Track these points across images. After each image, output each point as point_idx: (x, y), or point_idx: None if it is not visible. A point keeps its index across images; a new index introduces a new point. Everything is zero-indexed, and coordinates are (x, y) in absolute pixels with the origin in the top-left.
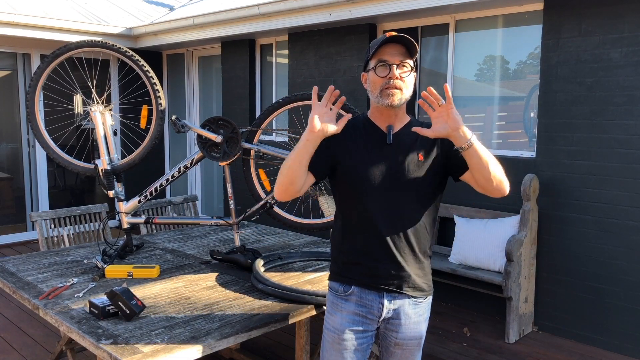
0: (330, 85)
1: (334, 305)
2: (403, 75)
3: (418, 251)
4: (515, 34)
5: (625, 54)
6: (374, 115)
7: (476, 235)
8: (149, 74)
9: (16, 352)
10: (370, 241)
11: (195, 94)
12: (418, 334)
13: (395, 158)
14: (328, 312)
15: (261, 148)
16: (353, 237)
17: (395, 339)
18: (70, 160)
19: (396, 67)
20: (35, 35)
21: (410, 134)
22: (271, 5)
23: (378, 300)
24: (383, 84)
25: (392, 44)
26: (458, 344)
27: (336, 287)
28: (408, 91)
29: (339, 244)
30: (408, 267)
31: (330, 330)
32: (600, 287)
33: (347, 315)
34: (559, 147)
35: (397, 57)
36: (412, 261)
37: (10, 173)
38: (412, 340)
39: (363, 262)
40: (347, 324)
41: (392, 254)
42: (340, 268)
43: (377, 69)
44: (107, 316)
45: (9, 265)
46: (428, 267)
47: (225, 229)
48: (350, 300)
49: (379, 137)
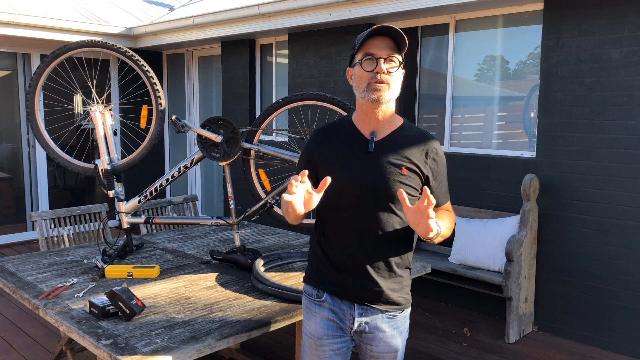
0: (330, 85)
1: (308, 309)
2: (391, 70)
3: (394, 265)
4: (515, 34)
5: (625, 54)
6: (359, 117)
7: (476, 235)
8: (149, 74)
9: (16, 352)
10: (343, 252)
11: (195, 94)
12: (393, 347)
13: (375, 168)
14: (304, 317)
15: (261, 148)
16: (327, 245)
17: (370, 351)
18: (70, 160)
19: (383, 61)
20: (35, 35)
21: (397, 140)
22: (271, 5)
23: (350, 312)
24: (369, 78)
25: (380, 37)
26: (458, 344)
27: (310, 291)
28: (396, 87)
29: (314, 249)
30: (381, 282)
31: (307, 336)
32: (600, 287)
33: (322, 321)
34: (559, 147)
35: (385, 50)
36: (386, 275)
37: (10, 173)
38: (388, 354)
39: (335, 272)
40: (322, 330)
41: (365, 268)
42: (314, 272)
43: (364, 63)
44: (107, 316)
45: (9, 265)
46: (407, 279)
47: (225, 229)
48: (324, 307)
49: (361, 143)
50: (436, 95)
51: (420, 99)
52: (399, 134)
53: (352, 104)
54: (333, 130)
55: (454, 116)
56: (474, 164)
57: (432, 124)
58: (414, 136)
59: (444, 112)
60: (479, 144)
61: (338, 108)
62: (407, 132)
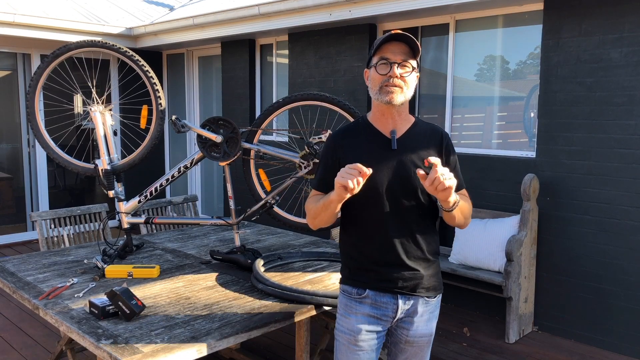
0: (330, 85)
1: (347, 307)
2: (404, 75)
3: (428, 253)
4: (515, 34)
5: (625, 54)
6: (375, 117)
7: (476, 235)
8: (149, 74)
9: (16, 352)
10: (381, 248)
11: (195, 94)
12: (429, 331)
13: (399, 163)
14: (341, 315)
15: (261, 148)
16: (362, 244)
17: (406, 336)
18: (70, 160)
19: (397, 65)
20: (35, 35)
21: (415, 136)
22: (271, 5)
23: (393, 302)
24: (383, 82)
25: (395, 42)
26: (458, 344)
27: (349, 290)
28: (409, 91)
29: (348, 252)
30: (421, 270)
31: (344, 333)
32: (601, 287)
33: (362, 317)
34: (559, 147)
35: (400, 55)
36: (423, 263)
37: (10, 173)
38: (423, 338)
39: (375, 268)
40: (362, 325)
41: (404, 259)
42: (353, 273)
43: (378, 67)
44: (107, 316)
45: (9, 265)
46: (438, 265)
47: (225, 229)
48: (365, 303)
49: (382, 142)
50: (436, 95)
51: (420, 99)
52: (415, 130)
53: (352, 104)
54: (351, 132)
55: (454, 116)
56: (474, 164)
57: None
58: (426, 130)
59: (444, 112)
60: (479, 144)
61: (338, 108)
62: (421, 128)
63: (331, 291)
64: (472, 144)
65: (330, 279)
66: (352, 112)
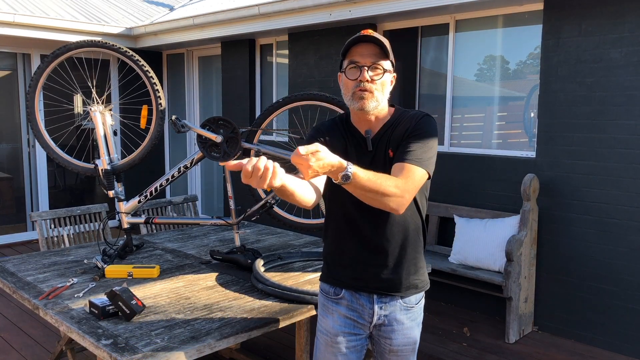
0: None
1: (324, 307)
2: (375, 78)
3: (409, 250)
4: (515, 34)
5: (625, 54)
6: (354, 117)
7: (476, 235)
8: (149, 74)
9: (16, 352)
10: (358, 245)
11: (195, 94)
12: (412, 339)
13: (374, 162)
14: (320, 315)
15: (261, 148)
16: (340, 240)
17: (389, 345)
18: (70, 160)
19: (367, 69)
20: (35, 35)
21: (389, 130)
22: (271, 5)
23: (369, 305)
24: (354, 87)
25: (364, 44)
26: (458, 344)
27: (327, 289)
28: (383, 95)
29: (327, 246)
30: (398, 268)
31: (323, 333)
32: (600, 287)
33: (339, 318)
34: (559, 147)
35: (369, 58)
36: (401, 261)
37: (10, 173)
38: (406, 347)
39: (352, 265)
40: (339, 327)
41: (380, 257)
42: (330, 270)
43: (348, 71)
44: (107, 316)
45: (9, 265)
46: (421, 262)
47: (225, 229)
48: (341, 304)
49: (359, 140)
50: (436, 95)
51: (420, 99)
52: (390, 125)
53: None
54: (332, 128)
55: (454, 116)
56: (474, 164)
57: None
58: (405, 118)
59: (444, 112)
60: (479, 144)
61: (338, 108)
62: (399, 119)
63: None
64: (472, 144)
65: None
66: (341, 105)
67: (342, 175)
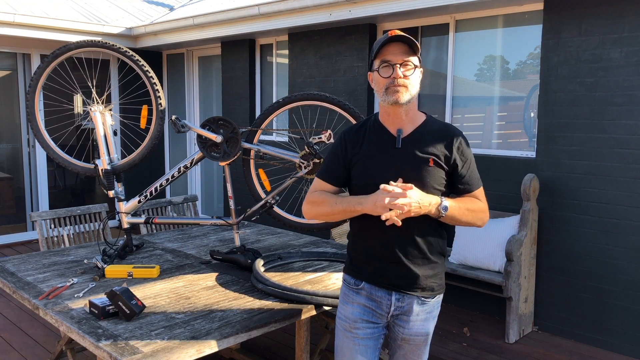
0: (330, 85)
1: (346, 296)
2: (407, 74)
3: (428, 253)
4: (515, 34)
5: (625, 54)
6: (383, 117)
7: (476, 235)
8: (149, 74)
9: (16, 352)
10: (379, 244)
11: (195, 94)
12: (424, 330)
13: (403, 162)
14: (341, 303)
15: (261, 148)
16: (363, 238)
17: (402, 333)
18: (70, 160)
19: (399, 66)
20: (35, 35)
21: (422, 135)
22: (271, 5)
23: (387, 297)
24: (387, 84)
25: (394, 43)
26: (458, 344)
27: (348, 280)
28: (414, 89)
29: (351, 243)
30: (416, 270)
31: (342, 320)
32: (601, 287)
33: (358, 307)
34: (559, 147)
35: (400, 56)
36: (420, 263)
37: (10, 173)
38: (419, 337)
39: (372, 262)
40: (358, 314)
41: (400, 257)
42: (353, 263)
43: (381, 70)
44: (107, 316)
45: (9, 265)
46: (440, 266)
47: (225, 229)
48: (361, 294)
49: (388, 140)
50: (436, 95)
51: (420, 99)
52: (423, 129)
53: (352, 104)
54: (361, 130)
55: (454, 116)
56: None
57: None
58: (437, 130)
59: (444, 112)
60: (479, 144)
61: (338, 108)
62: (431, 127)
63: (331, 291)
64: (472, 144)
65: (330, 279)
66: (352, 112)
67: (436, 214)
